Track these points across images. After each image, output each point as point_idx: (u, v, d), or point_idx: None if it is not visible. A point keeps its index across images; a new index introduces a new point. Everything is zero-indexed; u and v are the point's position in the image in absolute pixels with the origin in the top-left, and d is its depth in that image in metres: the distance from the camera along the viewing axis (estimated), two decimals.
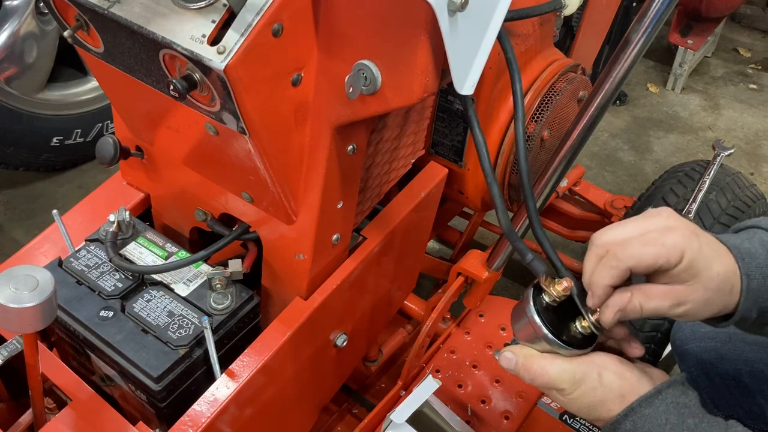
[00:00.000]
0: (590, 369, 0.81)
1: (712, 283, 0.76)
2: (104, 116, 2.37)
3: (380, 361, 1.50)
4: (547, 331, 0.81)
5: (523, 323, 0.83)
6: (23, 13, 2.08)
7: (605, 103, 1.01)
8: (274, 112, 0.87)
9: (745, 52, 3.19)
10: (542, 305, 0.82)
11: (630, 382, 0.81)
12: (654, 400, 0.78)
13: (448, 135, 1.35)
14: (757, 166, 2.60)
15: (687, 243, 0.75)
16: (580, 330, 0.82)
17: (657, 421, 0.77)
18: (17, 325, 0.84)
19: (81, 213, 1.25)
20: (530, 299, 0.83)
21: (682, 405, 0.78)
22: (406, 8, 0.76)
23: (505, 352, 0.85)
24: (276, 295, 1.16)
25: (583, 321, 0.82)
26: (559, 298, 0.82)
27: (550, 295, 0.82)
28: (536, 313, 0.82)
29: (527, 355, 0.83)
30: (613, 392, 0.80)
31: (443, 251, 2.12)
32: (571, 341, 0.82)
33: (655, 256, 0.76)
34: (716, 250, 0.78)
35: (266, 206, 1.04)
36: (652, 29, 0.94)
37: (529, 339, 0.84)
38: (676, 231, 0.76)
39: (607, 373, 0.81)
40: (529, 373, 0.82)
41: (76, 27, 0.94)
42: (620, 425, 0.79)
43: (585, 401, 0.80)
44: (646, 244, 0.76)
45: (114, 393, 1.11)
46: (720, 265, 0.77)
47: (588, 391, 0.80)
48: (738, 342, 1.14)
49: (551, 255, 0.91)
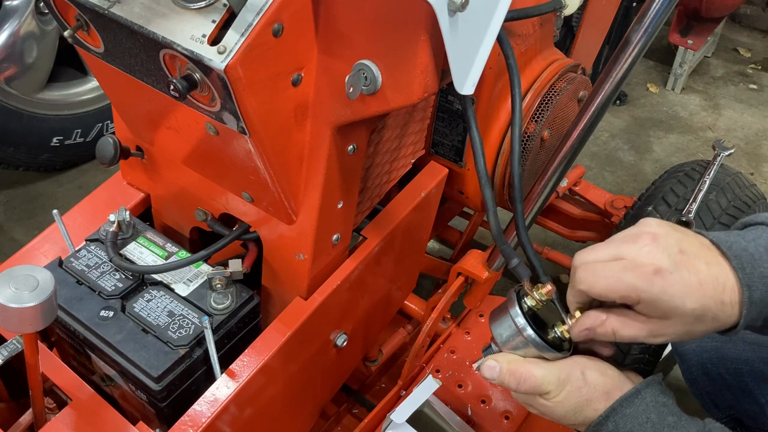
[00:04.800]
0: (574, 368, 0.81)
1: (687, 318, 0.73)
2: (104, 116, 2.36)
3: (380, 361, 1.50)
4: (534, 334, 0.81)
5: (507, 327, 0.83)
6: (23, 13, 2.08)
7: (605, 103, 1.01)
8: (274, 112, 0.87)
9: (745, 52, 3.19)
10: (524, 310, 0.83)
11: (613, 378, 0.81)
12: (634, 400, 0.78)
13: (449, 135, 1.35)
14: (757, 166, 2.60)
15: (645, 285, 0.73)
16: (559, 335, 0.82)
17: (638, 420, 0.77)
18: (17, 325, 0.84)
19: (81, 213, 1.25)
20: (515, 303, 0.83)
21: (661, 404, 0.78)
22: (406, 8, 0.76)
23: (487, 361, 0.84)
24: (276, 295, 1.16)
25: (562, 326, 0.82)
26: (541, 302, 0.83)
27: (532, 299, 0.83)
28: (522, 316, 0.82)
29: (511, 361, 0.83)
30: (598, 390, 0.80)
31: (443, 251, 2.12)
32: (553, 345, 0.82)
33: (607, 289, 0.75)
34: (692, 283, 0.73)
35: (266, 206, 1.04)
36: (652, 29, 0.94)
37: (512, 345, 0.84)
38: (637, 270, 0.73)
39: (590, 371, 0.81)
40: (515, 378, 0.81)
41: (76, 27, 0.94)
42: (602, 426, 0.79)
43: (571, 402, 0.80)
44: (603, 276, 0.75)
45: (114, 393, 1.11)
46: (694, 301, 0.72)
47: (574, 391, 0.80)
48: (738, 341, 1.14)
49: (533, 260, 0.90)
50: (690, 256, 0.74)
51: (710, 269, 0.74)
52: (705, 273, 0.74)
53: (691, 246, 0.75)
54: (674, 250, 0.74)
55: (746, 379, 1.12)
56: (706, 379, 1.17)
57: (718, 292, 0.74)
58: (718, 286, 0.74)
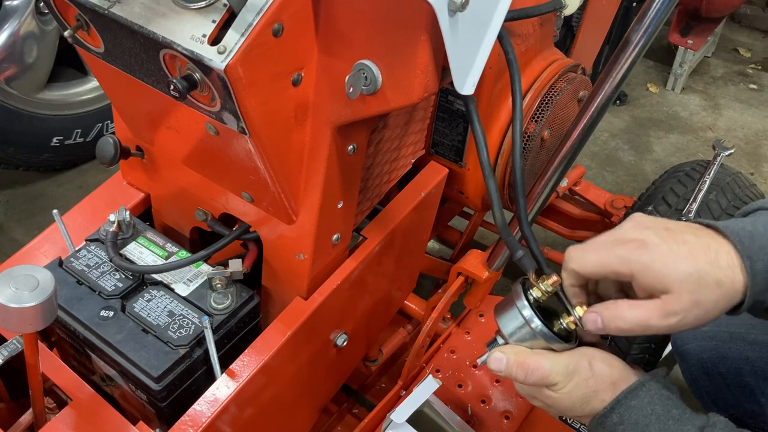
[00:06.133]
0: (581, 359, 0.81)
1: (688, 285, 0.72)
2: (104, 116, 2.36)
3: (380, 361, 1.50)
4: (542, 325, 0.81)
5: (513, 319, 0.83)
6: (23, 13, 2.08)
7: (605, 103, 1.01)
8: (274, 112, 0.87)
9: (745, 52, 3.19)
10: (530, 302, 0.83)
11: (619, 369, 0.81)
12: (639, 392, 0.78)
13: (449, 135, 1.35)
14: (757, 166, 2.60)
15: (634, 256, 0.73)
16: (565, 326, 0.83)
17: (643, 411, 0.77)
18: (17, 325, 0.84)
19: (81, 213, 1.25)
20: (521, 295, 0.83)
21: (665, 397, 0.78)
22: (406, 8, 0.76)
23: (494, 353, 0.84)
24: (276, 295, 1.16)
25: (568, 317, 0.82)
26: (547, 293, 0.83)
27: (538, 290, 0.83)
28: (529, 307, 0.82)
29: (518, 352, 0.83)
30: (605, 381, 0.80)
31: (443, 251, 2.12)
32: (560, 336, 0.82)
33: (598, 263, 0.76)
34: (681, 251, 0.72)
35: (266, 206, 1.04)
36: (652, 29, 0.94)
37: (518, 336, 0.84)
38: (626, 244, 0.75)
39: (596, 362, 0.81)
40: (523, 369, 0.81)
41: (76, 27, 0.94)
42: (607, 418, 0.79)
43: (579, 393, 0.80)
44: (592, 251, 0.77)
45: (114, 393, 1.11)
46: (687, 265, 0.71)
47: (581, 383, 0.80)
48: (739, 341, 1.14)
49: (537, 253, 0.91)
50: (677, 231, 0.75)
51: (700, 239, 0.74)
52: (695, 242, 0.73)
53: (678, 225, 0.76)
54: (659, 227, 0.76)
55: (747, 379, 1.12)
56: (706, 378, 1.17)
57: (711, 257, 0.72)
58: (711, 252, 0.73)
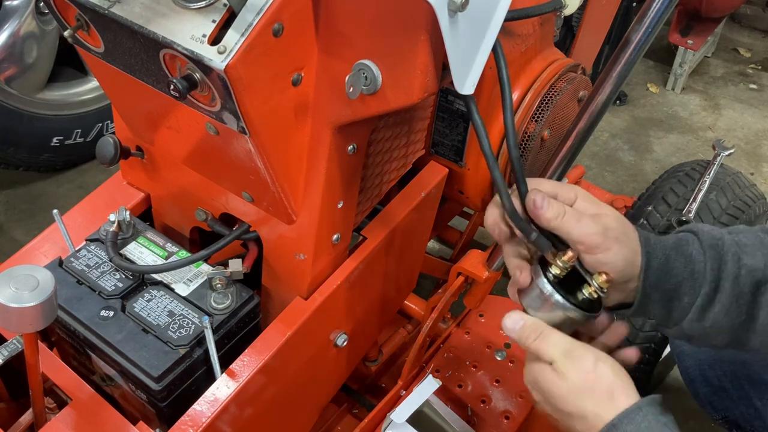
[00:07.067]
0: (588, 352, 0.82)
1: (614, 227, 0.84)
2: (104, 116, 2.36)
3: (380, 361, 1.50)
4: (558, 296, 0.84)
5: (535, 298, 0.86)
6: (23, 13, 2.08)
7: (605, 103, 1.01)
8: (274, 112, 0.87)
9: (745, 52, 3.19)
10: (549, 279, 0.86)
11: (622, 381, 0.80)
12: (635, 417, 0.77)
13: (448, 135, 1.35)
14: (757, 166, 2.60)
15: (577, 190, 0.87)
16: (587, 296, 0.85)
17: None
18: (17, 325, 0.84)
19: (81, 213, 1.25)
20: (540, 273, 0.86)
21: (662, 423, 0.77)
22: (406, 8, 0.76)
23: (513, 314, 0.87)
24: (276, 295, 1.16)
25: (589, 287, 0.85)
26: (565, 268, 0.85)
27: (557, 266, 0.85)
28: (548, 282, 0.85)
29: (537, 320, 0.86)
30: (604, 384, 0.79)
31: (443, 251, 2.12)
32: (582, 307, 0.85)
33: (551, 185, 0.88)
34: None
35: (266, 206, 1.04)
36: (652, 29, 0.94)
37: (542, 312, 0.86)
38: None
39: (602, 364, 0.81)
40: (535, 331, 0.84)
41: (76, 27, 0.94)
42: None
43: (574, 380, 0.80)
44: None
45: (114, 393, 1.11)
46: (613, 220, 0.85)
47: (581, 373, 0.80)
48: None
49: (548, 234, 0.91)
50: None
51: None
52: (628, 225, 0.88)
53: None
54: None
55: (742, 382, 1.12)
56: (703, 380, 1.17)
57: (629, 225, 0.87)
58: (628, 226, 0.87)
